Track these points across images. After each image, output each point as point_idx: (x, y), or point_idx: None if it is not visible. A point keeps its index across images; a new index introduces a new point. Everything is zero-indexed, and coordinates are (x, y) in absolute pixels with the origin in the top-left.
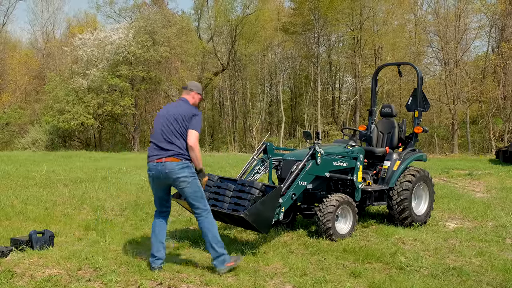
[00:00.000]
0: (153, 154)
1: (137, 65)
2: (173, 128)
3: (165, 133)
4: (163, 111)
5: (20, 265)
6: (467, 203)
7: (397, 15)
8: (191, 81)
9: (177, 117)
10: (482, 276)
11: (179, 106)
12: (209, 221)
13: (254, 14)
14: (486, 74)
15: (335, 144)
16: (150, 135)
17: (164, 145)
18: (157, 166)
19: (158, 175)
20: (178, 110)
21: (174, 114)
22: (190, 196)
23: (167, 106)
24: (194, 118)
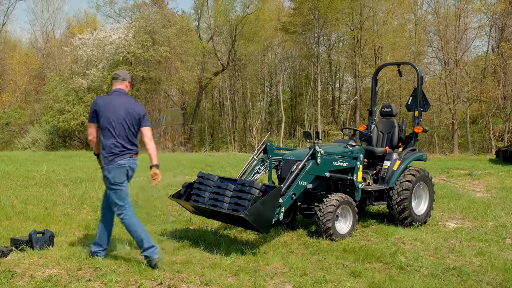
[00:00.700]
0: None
1: (137, 65)
2: (133, 130)
3: (127, 133)
4: (115, 107)
5: (20, 265)
6: (467, 203)
7: (397, 14)
8: (121, 71)
9: (132, 118)
10: (482, 276)
11: (128, 102)
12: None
13: (254, 14)
14: (486, 74)
15: (335, 144)
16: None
17: (130, 143)
18: (131, 161)
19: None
20: (129, 108)
21: (127, 112)
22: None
23: (113, 98)
24: (145, 117)
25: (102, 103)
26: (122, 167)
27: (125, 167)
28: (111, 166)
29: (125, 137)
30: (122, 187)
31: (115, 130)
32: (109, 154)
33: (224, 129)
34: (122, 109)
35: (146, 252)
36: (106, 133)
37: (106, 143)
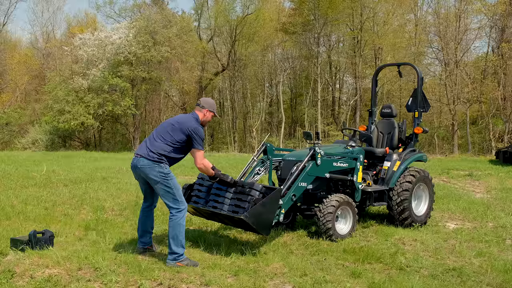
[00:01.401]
0: (138, 148)
1: (137, 65)
2: (162, 131)
3: (155, 134)
4: (168, 119)
5: (20, 265)
6: (467, 203)
7: (397, 15)
8: (204, 98)
9: (173, 126)
10: (482, 277)
11: (184, 116)
12: (176, 221)
13: (254, 14)
14: (486, 75)
15: (335, 144)
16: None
17: (148, 145)
18: (134, 160)
19: (134, 167)
20: (179, 118)
21: (174, 119)
22: (160, 194)
23: (176, 116)
24: (194, 137)
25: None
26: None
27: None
28: None
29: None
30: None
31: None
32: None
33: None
34: (170, 121)
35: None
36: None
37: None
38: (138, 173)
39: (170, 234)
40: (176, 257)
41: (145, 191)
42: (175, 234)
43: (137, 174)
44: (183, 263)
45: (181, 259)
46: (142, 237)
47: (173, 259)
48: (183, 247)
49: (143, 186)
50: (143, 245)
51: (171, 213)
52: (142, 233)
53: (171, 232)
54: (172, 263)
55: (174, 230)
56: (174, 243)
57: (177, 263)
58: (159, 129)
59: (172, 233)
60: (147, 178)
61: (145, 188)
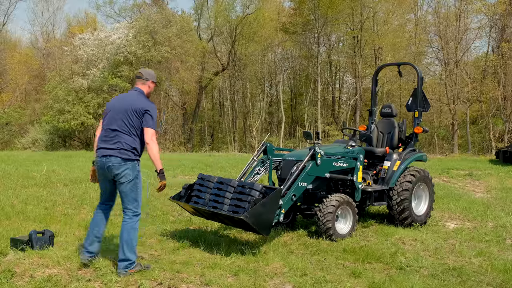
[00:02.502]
0: (100, 146)
1: (137, 65)
2: (122, 123)
3: (113, 127)
4: (114, 101)
5: (20, 265)
6: (467, 203)
7: (397, 15)
8: (145, 69)
9: (127, 111)
10: (482, 277)
11: (132, 98)
12: (132, 225)
13: (254, 14)
14: (486, 75)
15: (335, 144)
16: (103, 124)
17: (111, 140)
18: (102, 159)
19: (102, 167)
20: (130, 103)
21: (125, 107)
22: (124, 193)
23: (119, 96)
24: (147, 115)
25: (109, 102)
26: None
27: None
28: None
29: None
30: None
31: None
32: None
33: (224, 129)
34: (122, 104)
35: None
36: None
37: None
38: (106, 173)
39: (123, 239)
40: (128, 265)
41: (109, 191)
42: (129, 239)
43: (104, 174)
44: (135, 269)
45: (133, 266)
46: (91, 245)
47: (125, 267)
48: (136, 254)
49: (109, 185)
50: (90, 255)
51: (127, 216)
52: (92, 240)
53: (125, 237)
54: (123, 272)
55: (129, 235)
56: (128, 249)
57: (129, 271)
58: (113, 118)
59: (127, 237)
60: (117, 177)
61: (110, 187)
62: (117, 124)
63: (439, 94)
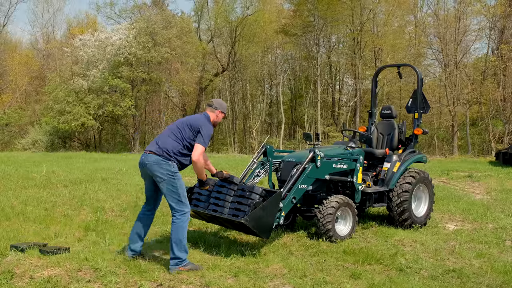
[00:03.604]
0: (147, 147)
1: (138, 66)
2: (174, 132)
3: (166, 132)
4: (180, 119)
5: (20, 265)
6: (467, 205)
7: (397, 16)
8: (217, 99)
9: (184, 125)
10: (482, 278)
11: (194, 117)
12: (180, 225)
13: (254, 15)
14: (486, 76)
15: (335, 145)
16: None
17: (159, 142)
18: (142, 156)
19: (141, 164)
20: (189, 120)
21: (184, 122)
22: (165, 193)
23: (187, 116)
24: (201, 132)
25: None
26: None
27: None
28: None
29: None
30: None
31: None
32: None
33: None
34: (182, 119)
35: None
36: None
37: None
38: (145, 170)
39: (173, 238)
40: (179, 262)
41: (149, 192)
42: (178, 238)
43: (144, 171)
44: (186, 268)
45: (184, 264)
46: (133, 243)
47: (175, 264)
48: (186, 252)
49: (149, 185)
50: (133, 253)
51: (175, 216)
52: (135, 240)
53: (174, 237)
54: (175, 268)
55: (178, 235)
56: (177, 248)
57: (180, 268)
58: (171, 127)
59: (176, 237)
60: (153, 175)
61: (150, 188)
62: (171, 131)
63: (439, 95)
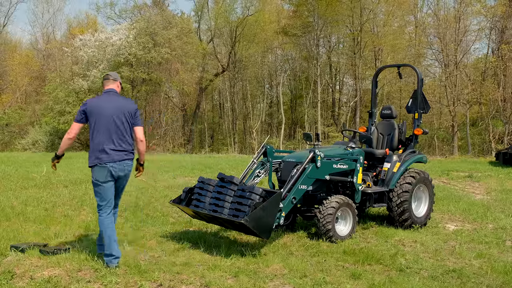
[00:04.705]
0: (116, 150)
1: (138, 66)
2: (126, 126)
3: (121, 132)
4: (105, 104)
5: (20, 266)
6: (467, 205)
7: (397, 16)
8: (111, 72)
9: (125, 114)
10: (482, 278)
11: (121, 101)
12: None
13: (254, 15)
14: (486, 76)
15: (335, 146)
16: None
17: (123, 145)
18: (122, 165)
19: (124, 174)
20: (123, 106)
21: (122, 110)
22: (121, 191)
23: (107, 98)
24: (137, 113)
25: (93, 104)
26: (103, 167)
27: (106, 167)
28: (95, 167)
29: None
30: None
31: (106, 129)
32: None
33: (224, 131)
34: (113, 108)
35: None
36: (95, 133)
37: (96, 142)
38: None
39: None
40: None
41: (114, 193)
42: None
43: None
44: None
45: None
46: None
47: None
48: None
49: (112, 187)
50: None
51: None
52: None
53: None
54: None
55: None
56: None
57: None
58: (114, 125)
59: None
60: (126, 178)
61: (118, 191)
62: (119, 127)
63: (439, 95)
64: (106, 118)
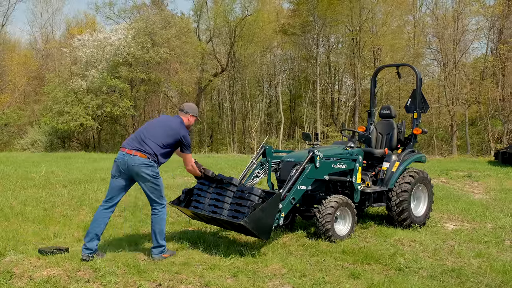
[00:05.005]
0: (126, 144)
1: (136, 66)
2: (155, 133)
3: (146, 134)
4: (157, 118)
5: (19, 266)
6: (466, 204)
7: (396, 16)
8: (188, 103)
9: (165, 126)
10: (481, 278)
11: (173, 120)
12: (162, 217)
13: (253, 15)
14: (485, 76)
15: (334, 145)
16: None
17: (140, 142)
18: (125, 156)
19: (124, 164)
20: (169, 122)
21: (164, 123)
22: (147, 191)
23: (164, 116)
24: (184, 142)
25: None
26: (115, 161)
27: (116, 161)
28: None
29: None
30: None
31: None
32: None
33: (223, 131)
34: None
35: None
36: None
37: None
38: (127, 170)
39: (156, 229)
40: (162, 250)
41: (118, 190)
42: (161, 228)
43: (125, 171)
44: (167, 254)
45: (166, 251)
46: (90, 241)
47: (159, 252)
48: (165, 240)
49: (120, 184)
50: (90, 252)
51: (156, 209)
52: (92, 237)
53: (157, 227)
54: (158, 256)
55: (160, 225)
56: (160, 237)
57: (163, 255)
58: (150, 129)
59: (158, 227)
60: (138, 175)
61: (121, 186)
62: (152, 131)
63: (438, 95)
64: (148, 124)
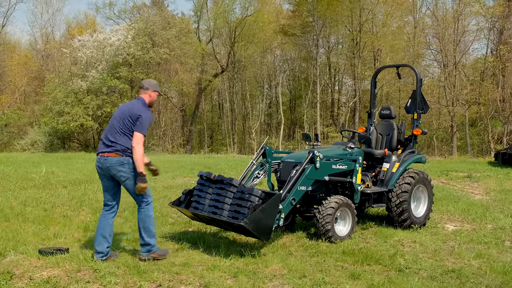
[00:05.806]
0: (99, 149)
1: (136, 66)
2: (119, 126)
3: (111, 131)
4: (118, 110)
5: (19, 266)
6: (466, 205)
7: (396, 17)
8: (147, 80)
9: (124, 116)
10: (481, 278)
11: (131, 105)
12: (146, 214)
13: (253, 16)
14: (485, 77)
15: (334, 146)
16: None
17: (108, 142)
18: (100, 160)
19: (101, 167)
20: (128, 109)
21: (124, 113)
22: (130, 189)
23: (123, 104)
24: (139, 120)
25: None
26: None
27: (96, 166)
28: None
29: (109, 136)
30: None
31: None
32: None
33: (223, 131)
34: (120, 111)
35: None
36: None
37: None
38: (106, 172)
39: (141, 226)
40: (150, 248)
41: (110, 192)
42: (146, 226)
43: (105, 173)
44: (156, 254)
45: (154, 250)
46: (98, 245)
47: (147, 251)
48: (155, 237)
49: (109, 185)
50: (101, 256)
51: (141, 207)
52: (100, 241)
53: (142, 225)
54: (146, 255)
55: (145, 222)
56: (146, 235)
57: (151, 254)
58: (114, 123)
59: (144, 225)
60: (117, 176)
61: (111, 188)
62: (116, 126)
63: (438, 96)
64: (111, 120)
